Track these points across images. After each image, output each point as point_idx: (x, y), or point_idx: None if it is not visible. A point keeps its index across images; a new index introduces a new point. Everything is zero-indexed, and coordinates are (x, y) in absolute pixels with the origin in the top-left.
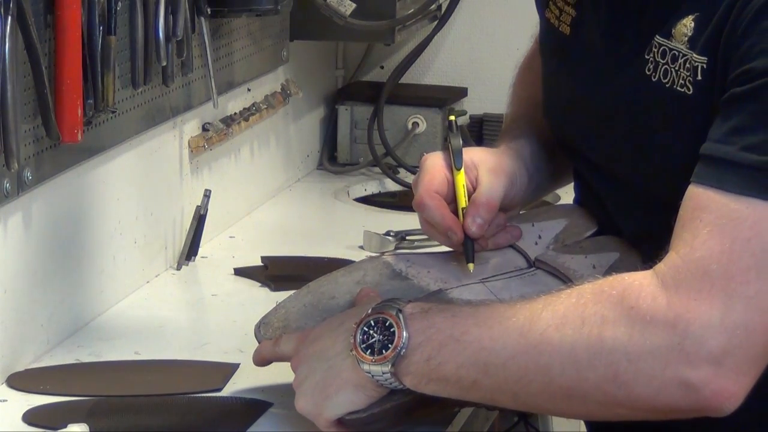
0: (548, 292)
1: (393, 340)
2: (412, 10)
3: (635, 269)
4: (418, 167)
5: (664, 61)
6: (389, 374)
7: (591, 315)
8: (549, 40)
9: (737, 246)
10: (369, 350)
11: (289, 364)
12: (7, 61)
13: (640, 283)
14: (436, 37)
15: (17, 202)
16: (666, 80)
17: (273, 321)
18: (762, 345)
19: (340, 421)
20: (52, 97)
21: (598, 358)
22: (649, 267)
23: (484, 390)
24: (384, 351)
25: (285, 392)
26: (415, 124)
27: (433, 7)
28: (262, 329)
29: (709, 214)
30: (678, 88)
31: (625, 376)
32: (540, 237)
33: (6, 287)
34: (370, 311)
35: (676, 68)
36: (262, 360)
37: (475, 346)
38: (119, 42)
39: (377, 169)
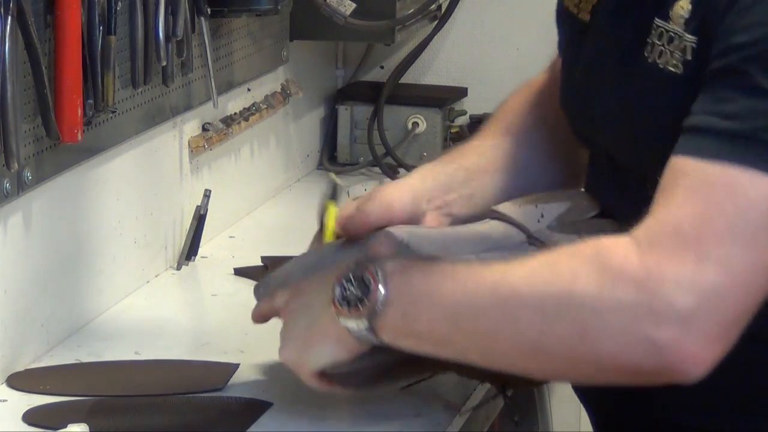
0: None
1: (368, 295)
2: (412, 10)
3: None
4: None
5: (661, 43)
6: (365, 329)
7: (563, 270)
8: (568, 29)
9: (711, 209)
10: (346, 304)
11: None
12: (7, 61)
13: (615, 242)
14: (436, 37)
15: (17, 202)
16: (660, 61)
17: (272, 281)
18: (732, 310)
19: (322, 374)
20: (52, 97)
21: (566, 310)
22: None
23: (456, 345)
24: (359, 305)
25: (285, 392)
26: (415, 124)
27: (433, 7)
28: (261, 288)
29: (685, 179)
30: (670, 68)
31: (591, 330)
32: (542, 216)
33: (6, 287)
34: (351, 266)
35: (671, 49)
36: (260, 316)
37: (448, 300)
38: (119, 42)
39: (377, 169)
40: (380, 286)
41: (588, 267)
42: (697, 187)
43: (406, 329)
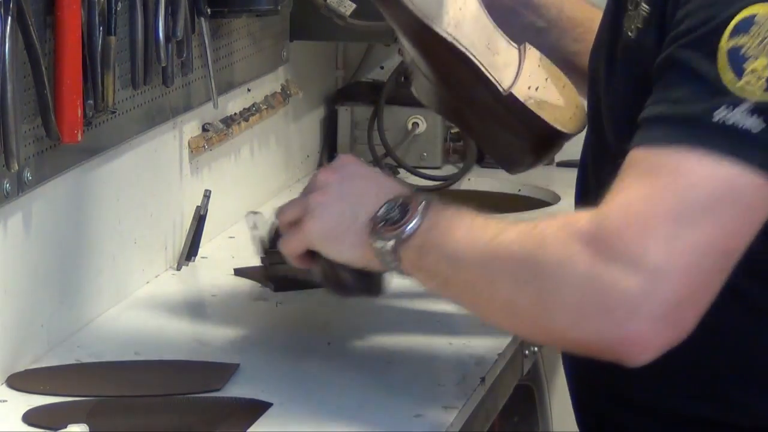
0: None
1: (402, 220)
2: None
3: None
4: (418, 167)
5: (632, 9)
6: (389, 251)
7: (537, 236)
8: None
9: (656, 191)
10: (383, 222)
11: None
12: (7, 61)
13: (582, 216)
14: None
15: (17, 202)
16: (626, 26)
17: None
18: (678, 290)
19: (310, 255)
20: (52, 97)
21: (532, 278)
22: None
23: (453, 289)
24: (392, 227)
25: (285, 392)
26: (415, 125)
27: None
28: None
29: (635, 167)
30: (629, 33)
31: (549, 302)
32: (536, 88)
33: (6, 287)
34: (405, 192)
35: (634, 15)
36: None
37: (453, 245)
38: (119, 42)
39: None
40: (417, 216)
41: (554, 238)
42: (645, 172)
43: (419, 262)
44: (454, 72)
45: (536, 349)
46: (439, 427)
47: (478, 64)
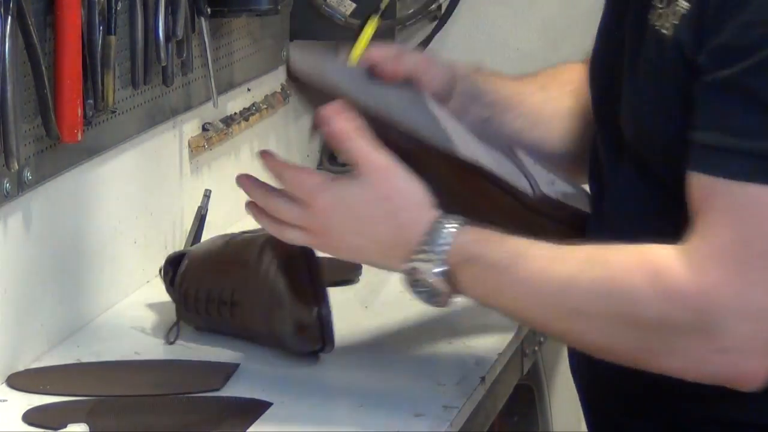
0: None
1: (440, 296)
2: (412, 10)
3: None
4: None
5: (662, 6)
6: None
7: (623, 290)
8: None
9: (749, 231)
10: (417, 295)
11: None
12: (7, 61)
13: (668, 261)
14: (436, 37)
15: (17, 202)
16: (658, 23)
17: (309, 51)
18: None
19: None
20: (52, 97)
21: (631, 332)
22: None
23: (530, 325)
24: (436, 299)
25: (285, 392)
26: None
27: (433, 7)
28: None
29: (719, 201)
30: (663, 31)
31: (655, 350)
32: (553, 183)
33: (6, 287)
34: (412, 267)
35: (668, 12)
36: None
37: (512, 307)
38: (119, 42)
39: None
40: (451, 293)
41: (646, 289)
42: (732, 210)
43: (487, 305)
44: (474, 191)
45: (536, 348)
46: (439, 427)
47: (500, 176)
